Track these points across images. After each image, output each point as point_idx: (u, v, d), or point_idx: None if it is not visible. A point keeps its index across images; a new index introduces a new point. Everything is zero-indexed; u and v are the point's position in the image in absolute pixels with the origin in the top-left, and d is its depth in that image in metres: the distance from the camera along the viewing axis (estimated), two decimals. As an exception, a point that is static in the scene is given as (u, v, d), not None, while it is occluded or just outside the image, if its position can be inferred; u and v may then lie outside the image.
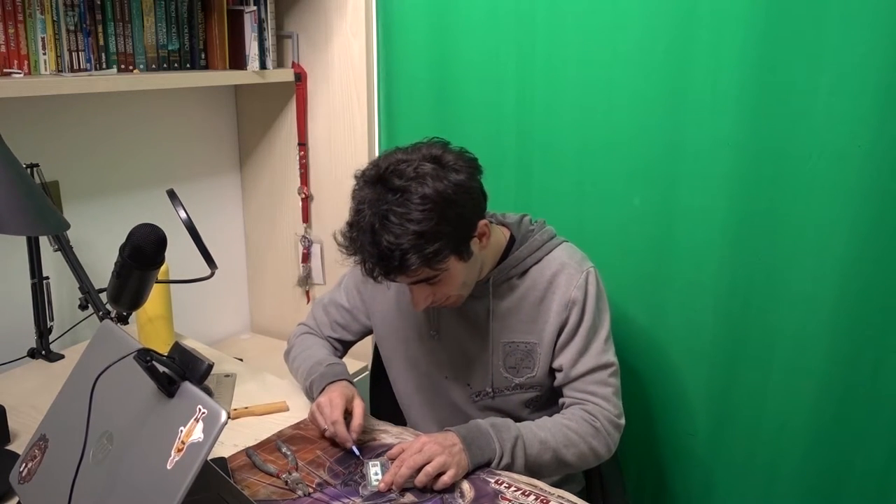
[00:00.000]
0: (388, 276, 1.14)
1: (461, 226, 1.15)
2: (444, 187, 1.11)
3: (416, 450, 1.15)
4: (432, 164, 1.13)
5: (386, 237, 1.09)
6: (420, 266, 1.11)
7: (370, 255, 1.12)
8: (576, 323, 1.27)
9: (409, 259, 1.09)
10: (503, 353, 1.31)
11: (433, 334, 1.36)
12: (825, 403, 1.46)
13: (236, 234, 2.24)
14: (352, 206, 1.16)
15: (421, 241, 1.09)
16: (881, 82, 1.27)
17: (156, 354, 0.85)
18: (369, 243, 1.11)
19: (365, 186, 1.14)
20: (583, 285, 1.27)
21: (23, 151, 1.26)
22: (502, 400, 1.34)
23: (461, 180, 1.14)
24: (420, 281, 1.18)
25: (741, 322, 1.50)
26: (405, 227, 1.09)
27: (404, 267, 1.11)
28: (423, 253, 1.10)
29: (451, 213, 1.12)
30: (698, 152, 1.45)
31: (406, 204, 1.09)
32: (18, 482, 0.99)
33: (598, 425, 1.25)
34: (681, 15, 1.41)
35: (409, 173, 1.11)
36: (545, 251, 1.31)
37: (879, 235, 1.33)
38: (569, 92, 1.56)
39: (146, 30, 1.70)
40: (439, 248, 1.11)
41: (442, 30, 1.70)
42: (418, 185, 1.10)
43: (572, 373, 1.28)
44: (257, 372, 1.59)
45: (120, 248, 1.05)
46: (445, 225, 1.11)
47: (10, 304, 1.66)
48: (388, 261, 1.10)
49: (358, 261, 1.15)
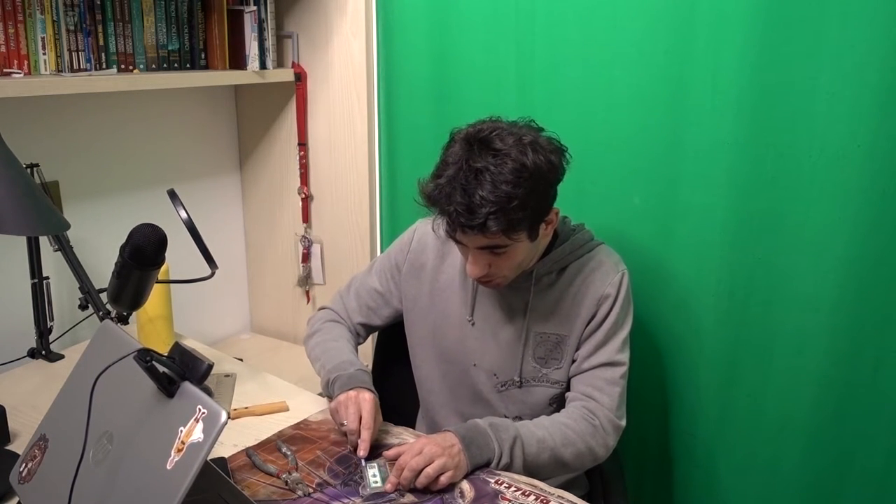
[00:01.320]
0: (467, 229, 1.15)
1: (542, 204, 1.20)
2: (540, 162, 1.16)
3: (416, 451, 1.15)
4: (532, 139, 1.18)
5: (479, 191, 1.13)
6: (499, 230, 1.14)
7: (458, 206, 1.14)
8: (603, 317, 1.31)
9: (495, 218, 1.13)
10: (534, 343, 1.33)
11: (470, 321, 1.37)
12: (825, 403, 1.45)
13: (236, 234, 2.24)
14: (443, 160, 1.20)
15: (509, 205, 1.13)
16: (881, 82, 1.27)
17: (156, 354, 0.85)
18: (461, 194, 1.14)
19: (463, 144, 1.19)
20: (617, 284, 1.31)
21: (23, 151, 1.26)
22: (527, 391, 1.35)
23: (555, 161, 1.20)
24: (488, 247, 1.20)
25: (741, 321, 1.50)
26: (498, 188, 1.13)
27: (486, 226, 1.13)
28: (508, 217, 1.13)
29: (539, 188, 1.17)
30: (698, 152, 1.45)
31: (502, 167, 1.14)
32: (18, 482, 0.99)
33: (597, 423, 1.26)
34: (681, 15, 1.41)
35: (510, 141, 1.16)
36: (586, 250, 1.35)
37: (879, 235, 1.33)
38: (569, 92, 1.56)
39: (146, 30, 1.70)
40: (521, 218, 1.15)
41: (442, 30, 1.69)
42: (518, 153, 1.15)
43: (585, 364, 1.30)
44: (257, 372, 1.59)
45: (120, 248, 1.05)
46: (532, 198, 1.15)
47: (10, 304, 1.66)
48: (473, 215, 1.13)
49: (439, 211, 1.18)
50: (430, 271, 1.41)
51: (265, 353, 2.15)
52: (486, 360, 1.37)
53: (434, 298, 1.41)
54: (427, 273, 1.41)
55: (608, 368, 1.30)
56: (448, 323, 1.40)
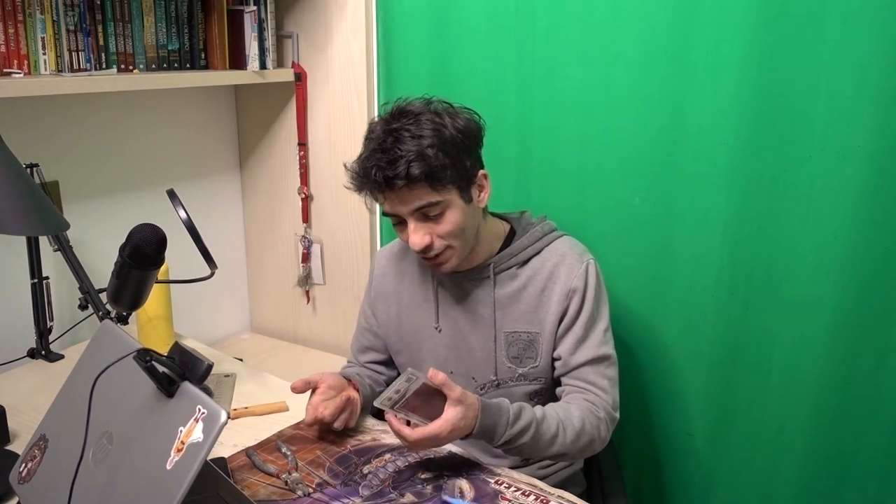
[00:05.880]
0: (394, 182, 1.18)
1: (465, 161, 1.23)
2: (452, 123, 1.22)
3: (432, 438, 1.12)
4: (444, 105, 1.25)
5: (398, 146, 1.18)
6: (422, 176, 1.17)
7: (379, 162, 1.18)
8: (575, 311, 1.29)
9: (417, 163, 1.16)
10: (506, 344, 1.33)
11: (437, 328, 1.37)
12: (825, 404, 1.46)
13: (236, 234, 2.24)
14: (365, 141, 1.25)
15: (429, 150, 1.17)
16: (881, 82, 1.27)
17: (156, 354, 0.85)
18: (381, 154, 1.18)
19: (380, 121, 1.25)
20: (583, 275, 1.30)
21: (23, 151, 1.26)
22: (507, 391, 1.35)
23: (469, 125, 1.25)
24: (421, 209, 1.21)
25: (741, 322, 1.50)
26: (416, 142, 1.18)
27: (409, 173, 1.16)
28: (429, 163, 1.17)
29: (456, 140, 1.21)
30: (698, 152, 1.45)
31: (418, 125, 1.20)
32: (18, 482, 0.99)
33: (602, 415, 1.26)
34: (681, 15, 1.41)
35: (422, 106, 1.24)
36: (546, 242, 1.34)
37: (879, 235, 1.33)
38: (569, 92, 1.56)
39: (146, 30, 1.70)
40: (444, 166, 1.18)
41: (442, 30, 1.69)
42: (431, 115, 1.22)
43: (571, 361, 1.29)
44: (257, 372, 1.59)
45: (120, 248, 1.05)
46: (451, 150, 1.20)
47: (10, 304, 1.66)
48: (395, 165, 1.17)
49: (365, 182, 1.22)
50: (393, 293, 1.43)
51: (265, 353, 2.15)
52: (462, 366, 1.37)
53: (402, 318, 1.42)
54: (392, 296, 1.43)
55: (596, 364, 1.29)
56: (419, 337, 1.40)
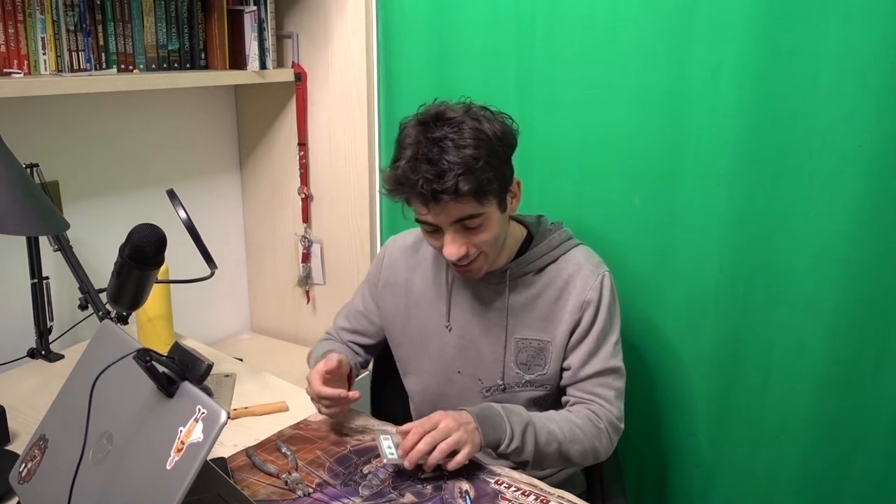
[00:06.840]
0: (441, 196, 1.15)
1: (504, 169, 1.22)
2: (493, 128, 1.20)
3: (433, 425, 1.14)
4: (479, 108, 1.23)
5: (444, 157, 1.15)
6: (470, 191, 1.14)
7: (426, 174, 1.14)
8: (588, 324, 1.29)
9: (465, 178, 1.14)
10: (515, 349, 1.32)
11: (447, 326, 1.37)
12: (825, 404, 1.45)
13: (236, 234, 2.24)
14: (398, 145, 1.22)
15: (476, 164, 1.15)
16: (881, 82, 1.27)
17: (155, 354, 0.85)
18: (426, 164, 1.15)
19: (416, 125, 1.21)
20: (598, 287, 1.29)
21: (23, 151, 1.26)
22: (512, 395, 1.35)
23: (507, 126, 1.23)
24: (461, 220, 1.19)
25: (741, 322, 1.49)
26: (462, 151, 1.15)
27: (458, 188, 1.14)
28: (476, 178, 1.15)
29: (498, 150, 1.20)
30: (698, 151, 1.45)
31: (461, 132, 1.17)
32: (18, 482, 0.99)
33: (602, 426, 1.26)
34: (681, 15, 1.41)
35: (460, 110, 1.20)
36: (562, 250, 1.33)
37: (880, 235, 1.33)
38: (569, 92, 1.56)
39: (146, 30, 1.70)
40: (489, 179, 1.17)
41: (442, 30, 1.69)
42: (472, 120, 1.18)
43: (580, 374, 1.29)
44: (257, 372, 1.59)
45: (120, 248, 1.05)
46: (494, 159, 1.18)
47: (10, 304, 1.66)
48: (443, 178, 1.14)
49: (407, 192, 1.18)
50: (403, 285, 1.42)
51: (265, 353, 2.15)
52: (469, 367, 1.37)
53: (410, 312, 1.41)
54: (401, 288, 1.42)
55: (604, 376, 1.29)
56: (427, 333, 1.40)
